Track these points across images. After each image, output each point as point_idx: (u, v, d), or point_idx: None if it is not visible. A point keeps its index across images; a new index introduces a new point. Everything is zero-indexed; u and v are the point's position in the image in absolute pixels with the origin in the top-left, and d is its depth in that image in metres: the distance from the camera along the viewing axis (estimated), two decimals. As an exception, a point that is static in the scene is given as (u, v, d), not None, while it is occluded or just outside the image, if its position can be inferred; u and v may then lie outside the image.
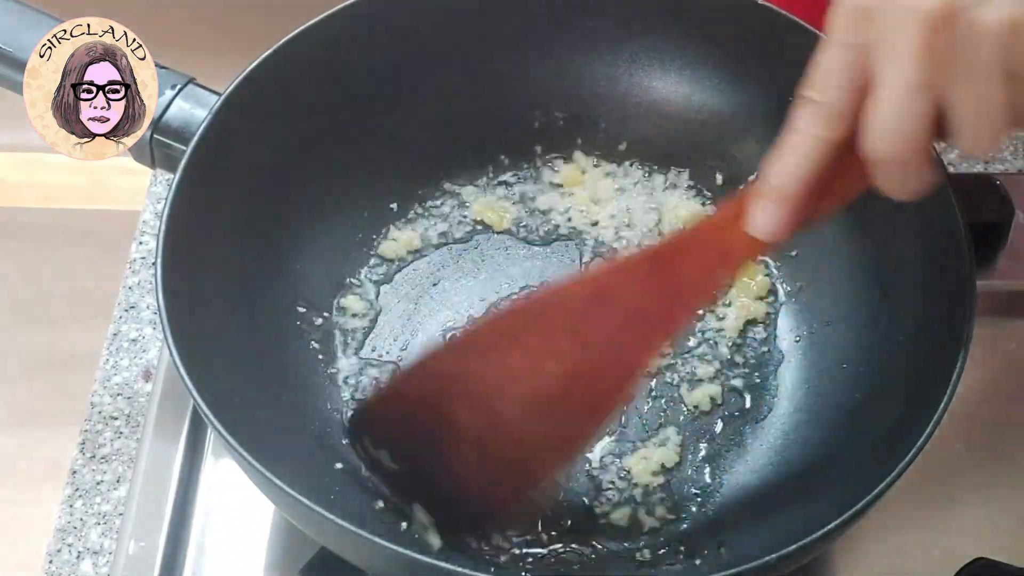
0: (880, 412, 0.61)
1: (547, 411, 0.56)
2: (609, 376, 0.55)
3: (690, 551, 0.61)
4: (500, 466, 0.57)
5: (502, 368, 0.56)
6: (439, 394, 0.57)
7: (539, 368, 0.55)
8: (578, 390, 0.55)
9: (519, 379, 0.55)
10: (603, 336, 0.54)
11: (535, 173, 0.75)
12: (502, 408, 0.56)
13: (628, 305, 0.53)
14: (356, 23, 0.68)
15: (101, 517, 0.67)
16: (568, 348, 0.55)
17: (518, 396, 0.55)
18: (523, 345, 0.55)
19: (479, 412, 0.56)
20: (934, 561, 0.64)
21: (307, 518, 0.53)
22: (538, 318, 0.55)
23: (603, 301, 0.54)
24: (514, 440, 0.56)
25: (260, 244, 0.66)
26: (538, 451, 0.57)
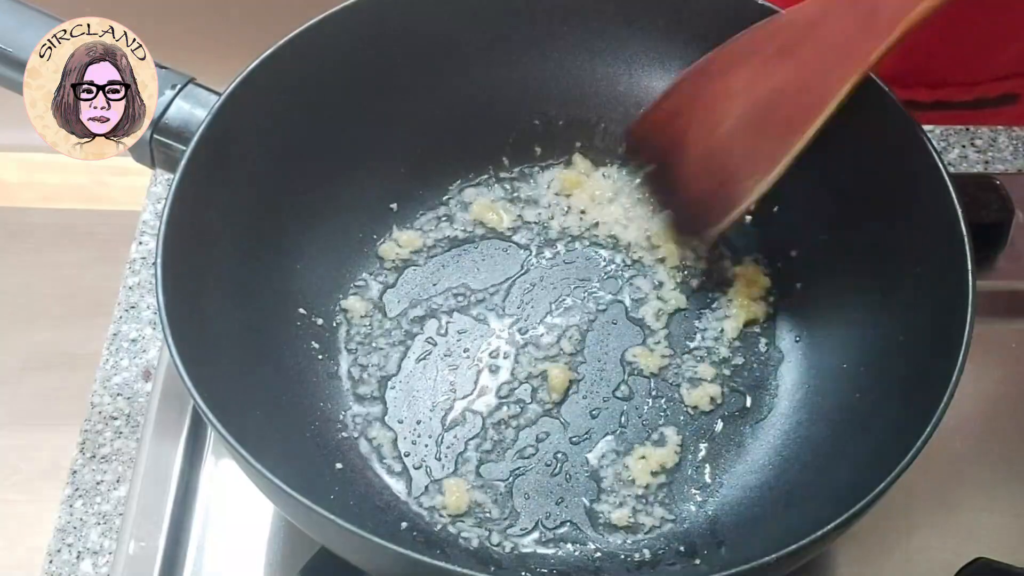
0: (880, 412, 0.61)
1: (756, 126, 0.63)
2: (809, 100, 0.60)
3: (690, 551, 0.61)
4: (719, 176, 0.65)
5: (727, 87, 0.65)
6: (683, 110, 0.68)
7: (755, 88, 0.63)
8: (783, 108, 0.62)
9: (738, 97, 0.64)
10: (808, 61, 0.61)
11: (535, 173, 0.75)
12: (724, 122, 0.65)
13: (831, 32, 0.59)
14: (356, 23, 0.68)
15: (101, 517, 0.67)
16: (779, 70, 0.62)
17: (736, 111, 0.64)
18: (744, 67, 0.64)
19: (708, 125, 0.66)
20: (934, 561, 0.64)
21: (307, 518, 0.53)
22: (757, 44, 0.64)
23: (811, 27, 0.61)
24: (731, 150, 0.65)
25: (260, 244, 0.66)
26: (747, 163, 0.64)
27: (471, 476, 0.64)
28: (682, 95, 0.69)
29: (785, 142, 0.62)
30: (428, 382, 0.68)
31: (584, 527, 0.63)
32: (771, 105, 0.63)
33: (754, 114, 0.64)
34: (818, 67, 0.60)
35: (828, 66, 0.60)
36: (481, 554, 0.61)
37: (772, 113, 0.63)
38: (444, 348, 0.69)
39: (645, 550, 0.62)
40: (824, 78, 0.60)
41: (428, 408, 0.67)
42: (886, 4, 0.57)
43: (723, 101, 0.65)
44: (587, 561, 0.61)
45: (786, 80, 0.62)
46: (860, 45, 0.58)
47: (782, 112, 0.62)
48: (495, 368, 0.68)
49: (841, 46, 0.59)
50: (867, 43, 0.58)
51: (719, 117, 0.65)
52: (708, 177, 0.67)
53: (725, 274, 0.71)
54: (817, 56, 0.60)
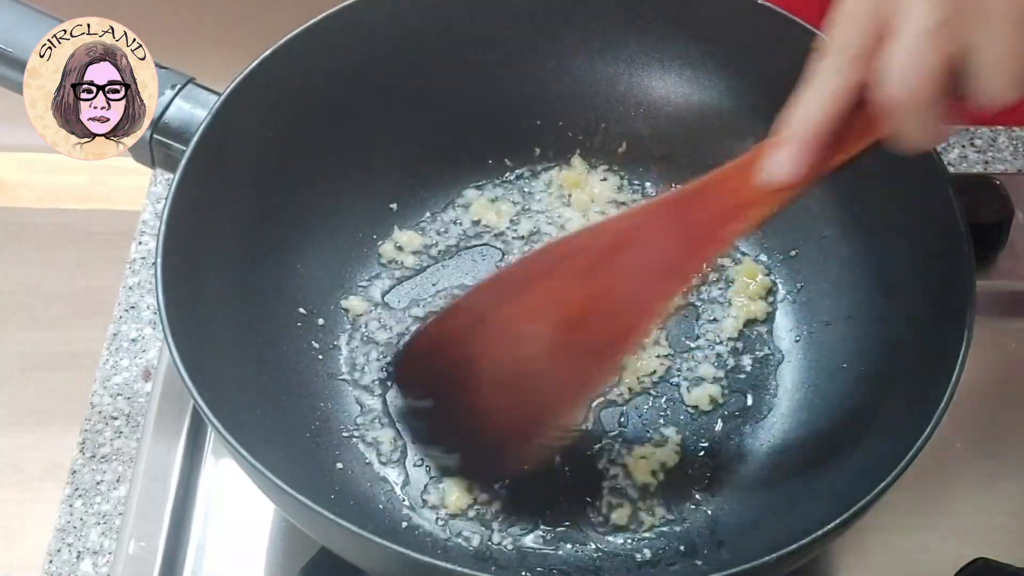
0: (880, 412, 0.61)
1: (565, 352, 0.58)
2: (623, 320, 0.56)
3: (690, 550, 0.61)
4: (520, 406, 0.59)
5: (524, 310, 0.58)
6: (466, 337, 0.60)
7: (559, 310, 0.57)
8: (594, 332, 0.57)
9: (539, 321, 0.58)
10: (620, 281, 0.56)
11: (536, 174, 0.75)
12: (523, 349, 0.58)
13: (645, 252, 0.55)
14: (356, 23, 0.68)
15: (101, 517, 0.67)
16: (587, 291, 0.57)
17: (538, 337, 0.58)
18: (545, 288, 0.58)
19: (502, 354, 0.59)
20: (934, 561, 0.64)
21: (307, 518, 0.53)
22: (559, 263, 0.58)
23: (621, 248, 0.56)
24: (533, 380, 0.58)
25: (260, 244, 0.66)
26: (555, 391, 0.59)
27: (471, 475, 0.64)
28: (464, 317, 0.61)
29: (599, 364, 0.57)
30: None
31: (584, 526, 0.63)
32: (582, 327, 0.57)
33: (562, 337, 0.57)
34: (632, 287, 0.55)
35: (642, 286, 0.55)
36: (481, 553, 0.61)
37: (584, 335, 0.57)
38: (444, 348, 0.69)
39: (645, 549, 0.62)
40: (638, 298, 0.55)
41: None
42: (700, 224, 0.53)
43: (521, 324, 0.58)
44: (587, 560, 0.61)
45: (598, 301, 0.56)
46: (675, 265, 0.54)
47: (596, 333, 0.56)
48: (495, 368, 0.68)
49: (655, 267, 0.55)
50: (682, 263, 0.54)
51: (516, 342, 0.58)
52: (503, 409, 0.59)
53: (725, 274, 0.71)
54: (630, 276, 0.56)
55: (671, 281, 0.55)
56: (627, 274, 0.56)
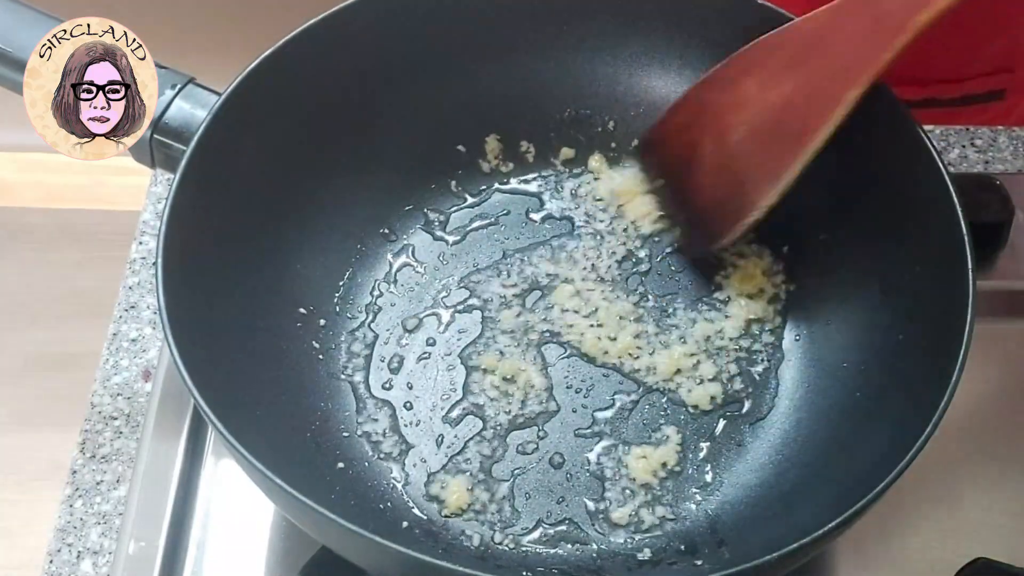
0: (880, 412, 0.61)
1: (766, 136, 0.64)
2: (816, 109, 0.61)
3: (691, 550, 0.61)
4: (727, 185, 0.66)
5: (736, 98, 0.65)
6: (690, 124, 0.68)
7: (762, 99, 0.64)
8: (791, 119, 0.62)
9: (747, 108, 0.64)
10: (815, 71, 0.61)
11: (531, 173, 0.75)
12: (732, 133, 0.65)
13: (837, 42, 0.60)
14: (356, 23, 0.68)
15: (101, 517, 0.67)
16: (786, 81, 0.62)
17: (745, 122, 0.65)
18: (753, 79, 0.64)
19: (717, 137, 0.66)
20: (934, 561, 0.64)
21: (308, 517, 0.53)
22: (765, 55, 0.64)
23: (818, 39, 0.61)
24: (739, 161, 0.65)
25: (260, 244, 0.66)
26: (757, 173, 0.64)
27: (472, 475, 0.64)
28: (691, 107, 0.69)
29: (794, 151, 0.62)
30: (428, 381, 0.68)
31: (585, 526, 0.63)
32: (781, 114, 0.63)
33: (764, 124, 0.64)
34: (826, 75, 0.61)
35: (836, 74, 0.60)
36: (482, 553, 0.61)
37: (781, 122, 0.63)
38: (444, 348, 0.69)
39: (646, 549, 0.62)
40: (832, 86, 0.60)
41: (429, 407, 0.67)
42: (893, 10, 0.57)
43: (733, 112, 0.65)
44: (588, 560, 0.61)
45: (795, 89, 0.62)
46: (868, 52, 0.58)
47: (791, 121, 0.62)
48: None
49: (849, 53, 0.59)
50: (875, 50, 0.58)
51: (729, 128, 0.65)
52: (718, 188, 0.67)
53: (726, 273, 0.71)
54: (825, 64, 0.61)
55: (861, 70, 0.59)
56: (822, 64, 0.60)
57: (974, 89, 0.90)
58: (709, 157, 0.67)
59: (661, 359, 0.68)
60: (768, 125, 0.64)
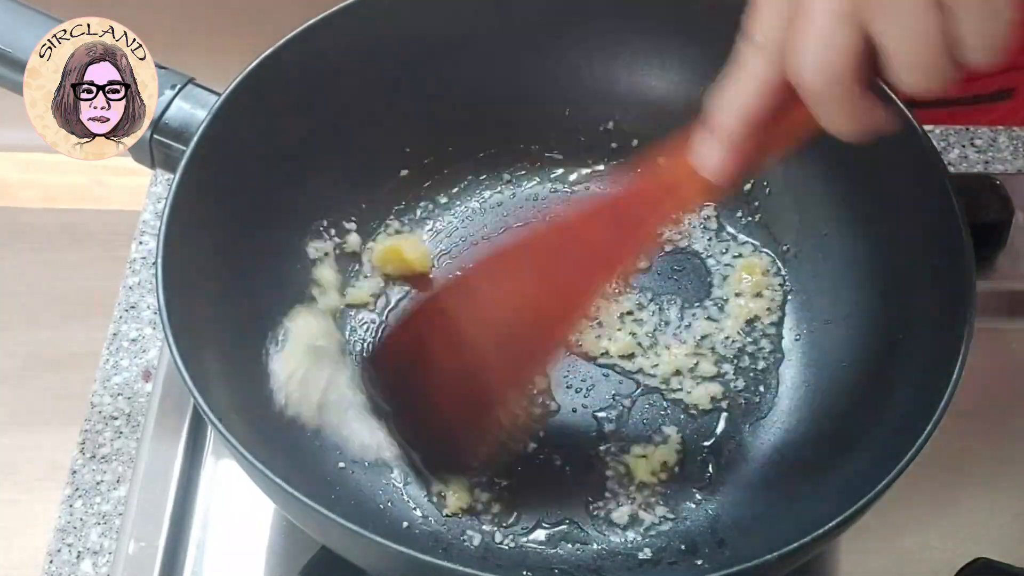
0: (880, 411, 0.61)
1: (513, 343, 0.60)
2: (568, 305, 0.58)
3: (691, 549, 0.61)
4: (475, 400, 0.61)
5: (476, 309, 0.60)
6: (425, 336, 0.62)
7: (506, 305, 0.60)
8: (542, 318, 0.59)
9: (490, 317, 0.60)
10: (565, 272, 0.58)
11: (533, 173, 0.75)
12: (474, 344, 0.60)
13: (587, 243, 0.57)
14: (356, 23, 0.68)
15: (101, 517, 0.67)
16: (533, 283, 0.59)
17: (488, 332, 0.60)
18: (495, 286, 0.60)
19: (456, 350, 0.60)
20: (934, 561, 0.64)
21: (308, 517, 0.53)
22: (507, 260, 0.60)
23: (565, 241, 0.58)
24: (488, 370, 0.60)
25: (260, 244, 0.66)
26: (504, 379, 0.61)
27: (472, 475, 0.64)
28: (424, 317, 0.63)
29: (539, 354, 0.60)
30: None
31: (585, 526, 0.63)
32: (525, 318, 0.59)
33: (507, 329, 0.60)
34: (571, 277, 0.58)
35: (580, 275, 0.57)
36: (482, 553, 0.61)
37: (525, 327, 0.59)
38: (444, 348, 0.69)
39: (646, 548, 0.62)
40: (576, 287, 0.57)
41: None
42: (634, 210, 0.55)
43: (472, 319, 0.60)
44: (588, 560, 0.61)
45: (538, 293, 0.59)
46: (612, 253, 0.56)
47: (536, 324, 0.59)
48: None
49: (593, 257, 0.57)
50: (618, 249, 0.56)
51: (467, 336, 0.60)
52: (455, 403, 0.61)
53: (726, 273, 0.71)
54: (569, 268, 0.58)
55: (612, 266, 0.58)
56: (571, 265, 0.58)
57: (983, 88, 0.90)
58: (446, 368, 0.61)
59: (661, 359, 0.68)
60: (510, 330, 0.59)
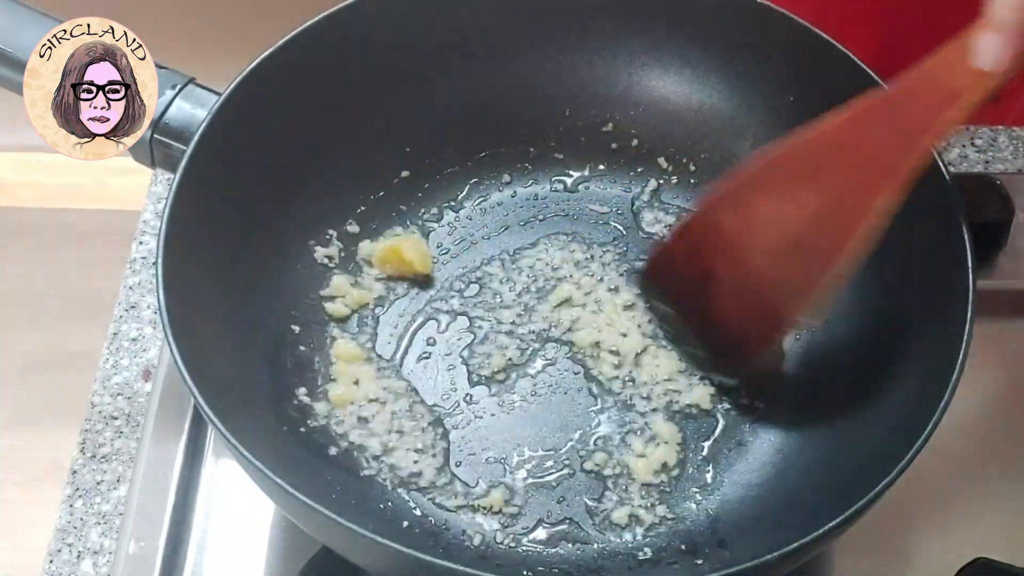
0: (880, 411, 0.61)
1: (789, 255, 0.59)
2: (843, 222, 0.57)
3: (691, 549, 0.61)
4: (752, 309, 0.62)
5: (751, 218, 0.61)
6: (703, 246, 0.63)
7: (782, 216, 0.59)
8: (816, 235, 0.58)
9: (765, 227, 0.60)
10: (838, 182, 0.57)
11: (533, 173, 0.75)
12: (752, 256, 0.61)
13: (860, 151, 0.56)
14: (355, 23, 0.68)
15: (101, 517, 0.67)
16: (807, 195, 0.58)
17: (765, 243, 0.60)
18: (768, 196, 0.60)
19: (734, 260, 0.62)
20: (934, 561, 0.64)
21: (308, 517, 0.53)
22: (780, 170, 0.60)
23: (838, 149, 0.57)
24: (763, 283, 0.61)
25: (261, 244, 0.66)
26: (782, 293, 0.61)
27: (472, 475, 0.64)
28: (699, 230, 0.64)
29: (822, 267, 0.58)
30: (428, 382, 0.68)
31: (585, 525, 0.63)
32: (803, 231, 0.59)
33: (786, 243, 0.60)
34: (850, 186, 0.56)
35: (861, 184, 0.56)
36: (483, 552, 0.61)
37: (805, 239, 0.59)
38: (445, 347, 0.69)
39: (646, 548, 0.62)
40: (858, 197, 0.56)
41: (429, 407, 0.67)
42: (915, 113, 0.54)
43: (748, 233, 0.61)
44: (588, 559, 0.61)
45: (816, 204, 0.58)
46: (892, 159, 0.55)
47: (815, 237, 0.58)
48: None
49: (871, 162, 0.55)
50: (900, 156, 0.54)
51: (746, 249, 0.61)
52: (742, 312, 0.63)
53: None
54: (847, 175, 0.57)
55: (889, 177, 0.55)
56: (846, 174, 0.57)
57: None
58: (728, 281, 0.62)
59: (662, 358, 0.68)
60: (790, 243, 0.59)
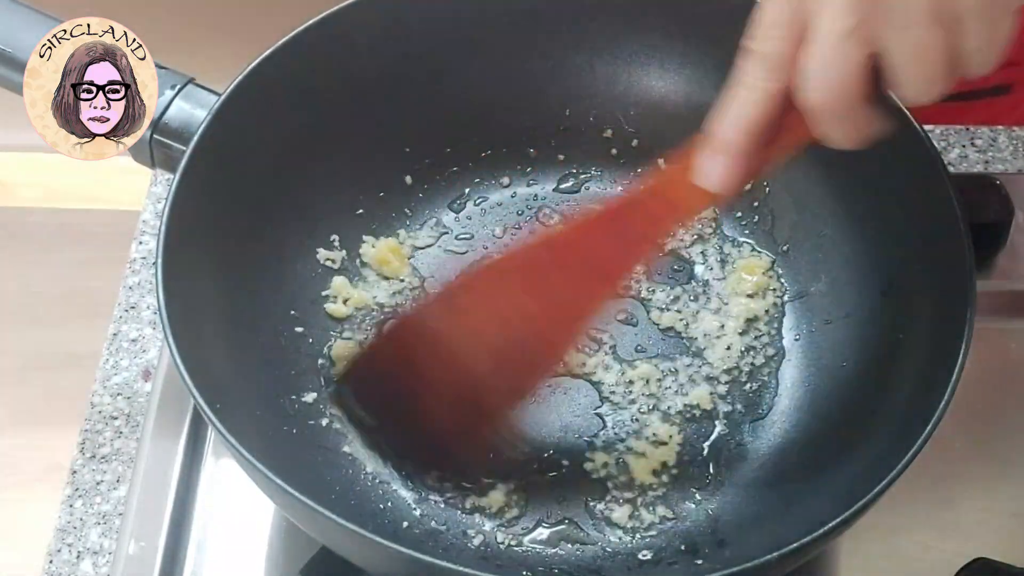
0: (880, 411, 0.61)
1: (507, 359, 0.59)
2: (562, 323, 0.58)
3: (691, 549, 0.61)
4: (464, 416, 0.60)
5: (466, 324, 0.60)
6: (411, 351, 0.61)
7: (500, 321, 0.59)
8: (535, 338, 0.58)
9: (481, 333, 0.59)
10: (559, 289, 0.57)
11: (533, 174, 0.75)
12: (466, 360, 0.59)
13: (583, 258, 0.56)
14: (356, 23, 0.68)
15: (101, 517, 0.67)
16: (527, 301, 0.58)
17: (480, 347, 0.59)
18: (486, 302, 0.59)
19: (446, 366, 0.60)
20: (934, 561, 0.64)
21: (309, 517, 0.53)
22: (500, 275, 0.59)
23: (560, 256, 0.57)
24: (477, 389, 0.60)
25: (261, 244, 0.66)
26: (498, 397, 0.60)
27: (472, 475, 0.64)
28: (409, 333, 0.62)
29: (541, 365, 0.60)
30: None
31: (585, 526, 0.63)
32: (524, 334, 0.58)
33: (506, 345, 0.59)
34: (569, 294, 0.57)
35: (581, 291, 0.57)
36: (483, 552, 0.61)
37: (526, 342, 0.58)
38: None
39: (646, 549, 0.62)
40: (576, 303, 0.57)
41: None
42: (635, 226, 0.55)
43: (467, 336, 0.60)
44: (588, 559, 0.61)
45: (538, 309, 0.58)
46: (610, 267, 0.56)
47: (536, 340, 0.58)
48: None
49: (592, 271, 0.56)
50: (617, 264, 0.56)
51: (462, 353, 0.59)
52: (450, 415, 0.60)
53: (725, 272, 0.71)
54: (568, 284, 0.57)
55: (608, 283, 0.57)
56: (566, 282, 0.57)
57: (980, 83, 0.90)
58: (439, 384, 0.60)
59: (662, 358, 0.68)
60: (509, 345, 0.59)
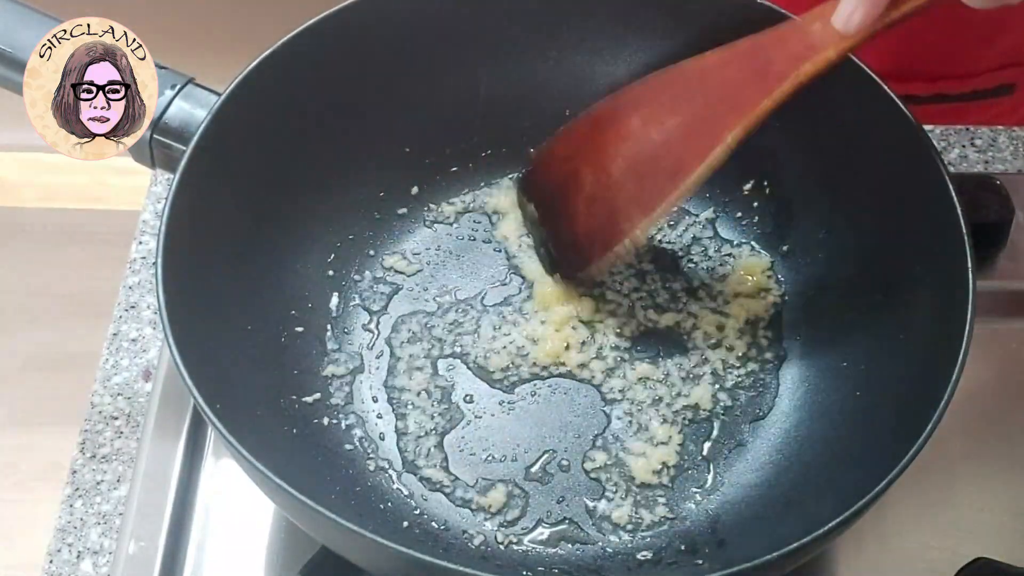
0: (880, 411, 0.61)
1: (643, 170, 0.64)
2: (695, 148, 0.61)
3: (691, 549, 0.61)
4: (601, 216, 0.66)
5: (620, 132, 0.65)
6: (576, 152, 0.68)
7: (645, 135, 0.64)
8: (669, 156, 0.63)
9: (629, 142, 0.65)
10: (697, 112, 0.62)
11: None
12: (613, 166, 0.65)
13: (722, 87, 0.61)
14: (356, 23, 0.68)
15: (101, 517, 0.67)
16: (669, 119, 0.63)
17: (626, 156, 0.65)
18: (637, 115, 0.65)
19: (598, 168, 0.66)
20: (934, 561, 0.64)
21: (308, 517, 0.53)
22: (651, 93, 0.65)
23: (703, 82, 0.62)
24: (616, 193, 0.65)
25: (260, 244, 0.66)
26: (631, 205, 0.64)
27: (472, 475, 0.64)
28: (575, 139, 0.69)
29: (669, 186, 0.62)
30: (429, 382, 0.68)
31: (585, 526, 0.63)
32: (660, 150, 0.63)
33: (643, 158, 0.64)
34: (707, 116, 0.61)
35: (717, 115, 0.60)
36: (483, 552, 0.61)
37: (660, 158, 0.63)
38: (445, 348, 0.69)
39: (646, 549, 0.62)
40: (712, 127, 0.60)
41: (429, 406, 0.67)
42: (777, 60, 0.58)
43: (615, 145, 0.65)
44: (588, 559, 0.61)
45: (676, 126, 0.63)
46: (749, 97, 0.59)
47: (669, 157, 0.63)
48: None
49: (731, 97, 0.60)
50: (756, 95, 0.59)
51: (610, 160, 0.65)
52: (593, 217, 0.67)
53: (725, 273, 0.71)
54: (707, 105, 0.61)
55: (741, 114, 0.59)
56: (705, 106, 0.61)
57: (983, 84, 0.90)
58: (588, 187, 0.67)
59: (662, 358, 0.68)
60: (647, 160, 0.64)
